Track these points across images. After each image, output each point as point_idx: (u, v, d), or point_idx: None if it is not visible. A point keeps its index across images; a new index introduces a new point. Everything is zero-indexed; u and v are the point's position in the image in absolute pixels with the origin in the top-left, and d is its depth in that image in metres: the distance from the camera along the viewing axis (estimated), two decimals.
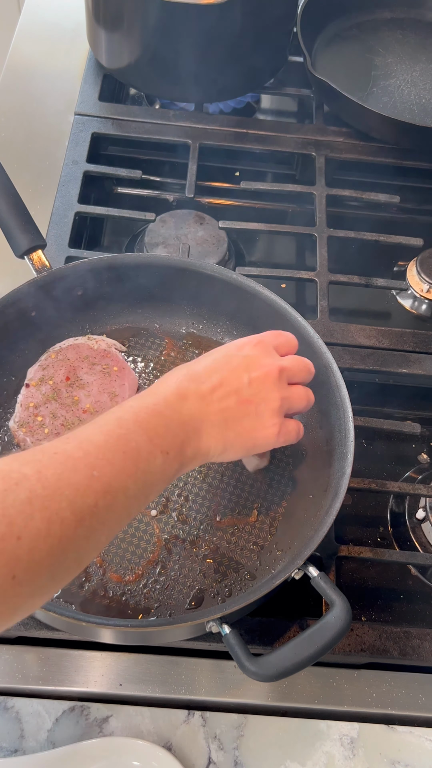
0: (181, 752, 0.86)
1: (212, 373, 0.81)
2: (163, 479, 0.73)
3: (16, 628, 0.90)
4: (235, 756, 0.86)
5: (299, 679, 0.91)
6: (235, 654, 0.77)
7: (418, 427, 1.09)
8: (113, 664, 0.91)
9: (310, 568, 0.83)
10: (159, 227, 1.30)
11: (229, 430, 0.80)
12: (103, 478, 0.64)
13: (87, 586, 0.92)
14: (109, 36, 1.40)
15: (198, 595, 0.92)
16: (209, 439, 0.79)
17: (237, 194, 1.42)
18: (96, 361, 1.05)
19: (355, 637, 0.92)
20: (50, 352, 1.06)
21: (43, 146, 1.41)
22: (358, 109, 1.35)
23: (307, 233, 1.31)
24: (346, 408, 0.94)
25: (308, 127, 1.46)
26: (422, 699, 0.92)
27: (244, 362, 0.83)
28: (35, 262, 1.04)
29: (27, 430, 0.99)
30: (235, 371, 0.82)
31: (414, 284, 1.28)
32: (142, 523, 0.96)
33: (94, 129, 1.41)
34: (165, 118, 1.44)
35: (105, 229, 1.40)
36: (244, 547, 0.96)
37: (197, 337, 1.14)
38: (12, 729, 0.87)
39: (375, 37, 1.60)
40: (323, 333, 1.16)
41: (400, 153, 1.42)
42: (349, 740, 0.89)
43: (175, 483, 1.00)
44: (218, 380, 0.81)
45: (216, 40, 1.33)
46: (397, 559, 0.99)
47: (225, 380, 0.81)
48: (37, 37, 1.62)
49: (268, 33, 1.40)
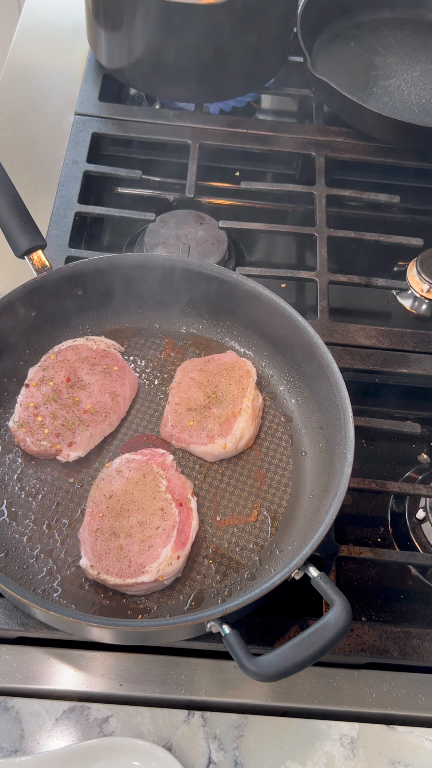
0: (181, 752, 0.86)
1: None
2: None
3: (16, 628, 0.90)
4: (235, 756, 0.86)
5: (299, 679, 0.91)
6: (235, 654, 0.77)
7: (418, 427, 1.09)
8: (113, 664, 0.91)
9: (310, 568, 0.83)
10: (159, 227, 1.30)
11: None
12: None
13: (87, 586, 0.92)
14: (109, 36, 1.40)
15: (198, 595, 0.92)
16: None
17: (237, 194, 1.42)
18: (96, 361, 1.05)
19: (355, 637, 0.92)
20: (50, 353, 1.06)
21: (43, 146, 1.41)
22: (358, 109, 1.35)
23: (307, 233, 1.31)
24: (346, 408, 0.94)
25: (308, 127, 1.46)
26: (422, 699, 0.92)
27: None
28: (35, 262, 1.04)
29: (27, 430, 0.99)
30: None
31: (414, 284, 1.28)
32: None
33: (94, 129, 1.41)
34: (165, 118, 1.44)
35: (105, 229, 1.40)
36: (244, 547, 0.96)
37: (197, 337, 1.14)
38: (12, 729, 0.87)
39: (375, 37, 1.60)
40: (323, 333, 1.16)
41: (400, 153, 1.43)
42: (349, 740, 0.89)
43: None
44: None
45: (216, 40, 1.33)
46: (397, 559, 0.99)
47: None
48: (37, 37, 1.62)
49: (268, 33, 1.40)
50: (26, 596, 0.79)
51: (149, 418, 1.07)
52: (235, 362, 1.07)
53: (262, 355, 1.12)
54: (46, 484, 0.99)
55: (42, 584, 0.91)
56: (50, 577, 0.92)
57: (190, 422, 1.02)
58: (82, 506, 0.98)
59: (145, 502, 0.94)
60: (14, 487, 0.99)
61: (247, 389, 1.04)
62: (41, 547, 0.94)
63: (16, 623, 0.90)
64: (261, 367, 1.12)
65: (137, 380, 1.09)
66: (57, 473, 1.00)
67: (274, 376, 1.11)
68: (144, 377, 1.10)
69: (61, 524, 0.96)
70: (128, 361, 1.11)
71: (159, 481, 0.96)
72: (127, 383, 1.06)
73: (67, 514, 0.97)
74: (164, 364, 1.12)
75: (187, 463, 1.03)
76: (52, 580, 0.92)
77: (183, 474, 1.00)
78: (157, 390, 1.09)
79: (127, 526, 0.92)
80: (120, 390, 1.05)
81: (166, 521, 0.92)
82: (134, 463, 0.97)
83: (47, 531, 0.95)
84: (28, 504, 0.97)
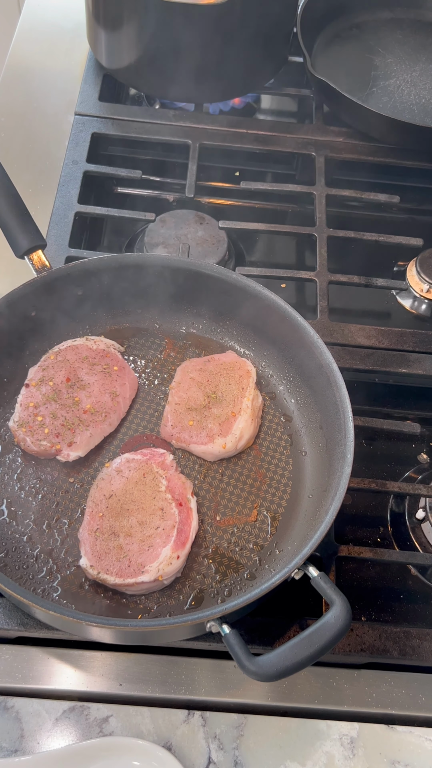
0: (181, 752, 0.86)
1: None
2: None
3: (16, 628, 0.90)
4: (235, 756, 0.86)
5: (299, 679, 0.91)
6: (235, 654, 0.77)
7: (418, 427, 1.09)
8: (113, 664, 0.91)
9: (310, 568, 0.83)
10: (159, 227, 1.30)
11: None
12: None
13: (87, 586, 0.92)
14: (109, 36, 1.40)
15: (198, 595, 0.92)
16: None
17: (237, 194, 1.42)
18: (96, 361, 1.05)
19: (355, 637, 0.92)
20: (50, 353, 1.06)
21: (43, 146, 1.41)
22: (358, 109, 1.35)
23: (307, 233, 1.31)
24: (346, 408, 0.94)
25: (308, 127, 1.46)
26: (422, 699, 0.92)
27: None
28: (35, 262, 1.04)
29: (27, 430, 0.99)
30: None
31: (414, 284, 1.28)
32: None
33: (94, 129, 1.41)
34: (165, 118, 1.44)
35: (105, 229, 1.40)
36: (244, 547, 0.96)
37: (197, 337, 1.14)
38: (12, 729, 0.87)
39: (375, 37, 1.60)
40: (323, 333, 1.16)
41: (400, 153, 1.43)
42: (349, 740, 0.89)
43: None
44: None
45: (216, 40, 1.33)
46: (397, 559, 0.99)
47: None
48: (37, 37, 1.62)
49: (268, 33, 1.40)
50: (26, 596, 0.79)
51: (149, 418, 1.07)
52: (235, 362, 1.07)
53: (262, 355, 1.12)
54: (46, 484, 0.99)
55: (42, 584, 0.91)
56: (50, 576, 0.92)
57: (190, 422, 1.02)
58: (82, 506, 0.98)
59: (144, 502, 0.94)
60: (14, 487, 0.99)
61: (247, 389, 1.04)
62: (41, 546, 0.94)
63: (16, 623, 0.90)
64: (261, 366, 1.12)
65: (137, 380, 1.09)
66: (57, 473, 1.00)
67: (273, 375, 1.11)
68: (144, 377, 1.10)
69: (61, 524, 0.96)
70: (128, 361, 1.11)
71: (159, 480, 0.96)
72: (127, 383, 1.06)
73: (67, 513, 0.97)
74: (164, 364, 1.12)
75: (187, 462, 1.03)
76: (52, 579, 0.92)
77: (183, 474, 1.00)
78: (157, 390, 1.09)
79: (127, 526, 0.92)
80: (120, 390, 1.05)
81: (165, 521, 0.92)
82: (134, 463, 0.97)
83: (47, 531, 0.95)
84: (28, 504, 0.97)
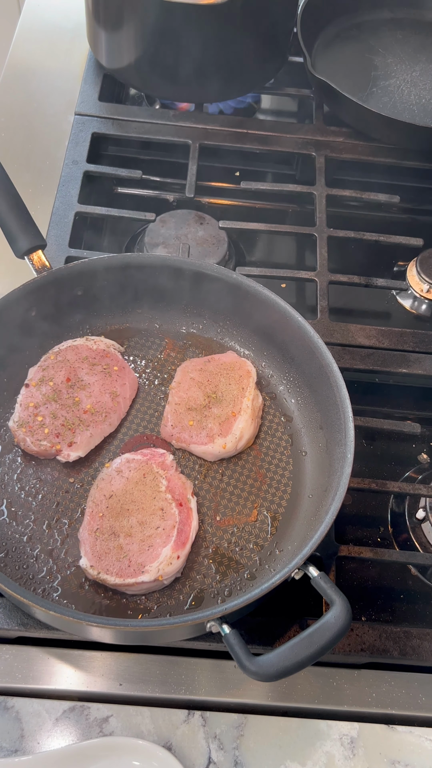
0: (181, 752, 0.86)
1: None
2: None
3: (16, 628, 0.90)
4: (235, 756, 0.86)
5: (299, 679, 0.91)
6: (235, 654, 0.77)
7: (418, 427, 1.09)
8: (113, 664, 0.91)
9: (310, 568, 0.83)
10: (159, 227, 1.30)
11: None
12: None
13: (87, 586, 0.92)
14: (109, 36, 1.40)
15: (198, 595, 0.92)
16: None
17: (237, 194, 1.42)
18: (96, 361, 1.05)
19: (355, 637, 0.92)
20: (50, 353, 1.06)
21: (43, 146, 1.41)
22: (358, 109, 1.35)
23: (307, 233, 1.31)
24: (346, 408, 0.94)
25: (308, 127, 1.46)
26: (422, 699, 0.92)
27: None
28: (35, 262, 1.04)
29: (27, 430, 0.99)
30: None
31: (414, 284, 1.28)
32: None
33: (94, 129, 1.41)
34: (165, 118, 1.44)
35: (105, 229, 1.40)
36: (244, 547, 0.96)
37: (197, 337, 1.14)
38: (12, 729, 0.87)
39: (375, 37, 1.60)
40: (323, 333, 1.16)
41: (400, 153, 1.43)
42: (349, 740, 0.89)
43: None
44: None
45: (216, 40, 1.33)
46: (397, 559, 0.99)
47: None
48: (37, 37, 1.62)
49: (268, 33, 1.40)
50: (26, 596, 0.79)
51: (149, 418, 1.07)
52: (235, 362, 1.07)
53: (262, 355, 1.12)
54: (46, 484, 0.99)
55: (42, 584, 0.91)
56: (50, 577, 0.92)
57: (190, 422, 1.02)
58: (82, 506, 0.98)
59: (145, 502, 0.94)
60: (14, 487, 0.99)
61: (247, 389, 1.04)
62: (41, 547, 0.94)
63: (16, 623, 0.90)
64: (261, 367, 1.12)
65: (137, 380, 1.09)
66: (57, 473, 1.00)
67: (274, 376, 1.11)
68: (144, 377, 1.10)
69: (61, 524, 0.96)
70: (128, 361, 1.11)
71: (159, 480, 0.96)
72: (127, 383, 1.06)
73: (67, 514, 0.97)
74: (164, 364, 1.12)
75: (187, 462, 1.03)
76: (52, 580, 0.92)
77: (183, 474, 1.00)
78: (157, 390, 1.09)
79: (127, 526, 0.92)
80: (120, 390, 1.05)
81: (166, 521, 0.92)
82: (134, 463, 0.97)
83: (47, 531, 0.95)
84: (28, 504, 0.97)
